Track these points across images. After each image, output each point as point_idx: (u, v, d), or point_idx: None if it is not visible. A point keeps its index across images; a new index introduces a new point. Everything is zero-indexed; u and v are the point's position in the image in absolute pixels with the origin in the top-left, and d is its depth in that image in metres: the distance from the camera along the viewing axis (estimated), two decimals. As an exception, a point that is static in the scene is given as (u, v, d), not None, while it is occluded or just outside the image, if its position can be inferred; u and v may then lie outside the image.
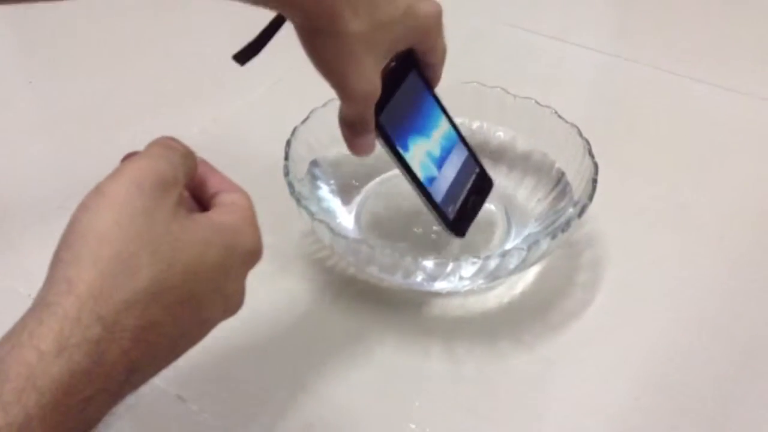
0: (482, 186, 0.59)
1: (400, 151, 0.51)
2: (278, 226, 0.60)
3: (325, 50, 0.45)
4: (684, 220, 0.65)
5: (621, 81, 0.85)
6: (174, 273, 0.30)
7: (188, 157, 0.35)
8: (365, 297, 0.57)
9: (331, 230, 0.51)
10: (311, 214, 0.52)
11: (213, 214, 0.35)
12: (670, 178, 0.69)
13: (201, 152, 0.38)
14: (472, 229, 0.57)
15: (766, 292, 0.58)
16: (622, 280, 0.58)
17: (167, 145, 0.34)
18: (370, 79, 0.47)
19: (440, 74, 0.53)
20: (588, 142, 0.58)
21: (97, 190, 0.31)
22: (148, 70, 0.43)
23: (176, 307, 0.31)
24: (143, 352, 0.30)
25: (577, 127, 0.60)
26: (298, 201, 0.53)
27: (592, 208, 0.54)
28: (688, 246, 0.62)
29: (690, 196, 0.67)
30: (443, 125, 0.56)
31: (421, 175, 0.53)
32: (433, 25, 0.48)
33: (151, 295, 0.30)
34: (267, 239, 0.37)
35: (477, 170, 0.59)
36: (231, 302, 0.35)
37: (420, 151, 0.53)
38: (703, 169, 0.70)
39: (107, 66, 0.39)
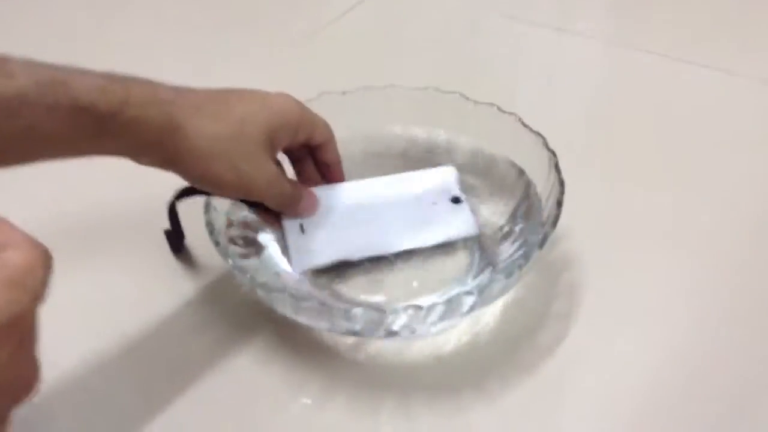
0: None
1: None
2: (204, 267, 0.54)
3: (189, 169, 0.45)
4: (669, 234, 0.58)
5: (618, 73, 0.80)
6: None
7: None
8: (309, 346, 0.50)
9: (252, 280, 0.44)
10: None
11: None
12: (656, 188, 0.62)
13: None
14: (432, 258, 0.53)
15: (754, 315, 0.52)
16: (600, 307, 0.51)
17: None
18: (263, 174, 0.47)
19: (341, 169, 0.55)
20: (554, 155, 0.51)
21: None
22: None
23: None
24: None
25: (543, 137, 0.53)
26: (224, 255, 0.46)
27: (568, 224, 0.48)
28: (673, 265, 0.55)
29: (676, 207, 0.60)
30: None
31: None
32: (299, 115, 0.49)
33: None
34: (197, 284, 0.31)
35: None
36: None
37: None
38: (691, 178, 0.64)
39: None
